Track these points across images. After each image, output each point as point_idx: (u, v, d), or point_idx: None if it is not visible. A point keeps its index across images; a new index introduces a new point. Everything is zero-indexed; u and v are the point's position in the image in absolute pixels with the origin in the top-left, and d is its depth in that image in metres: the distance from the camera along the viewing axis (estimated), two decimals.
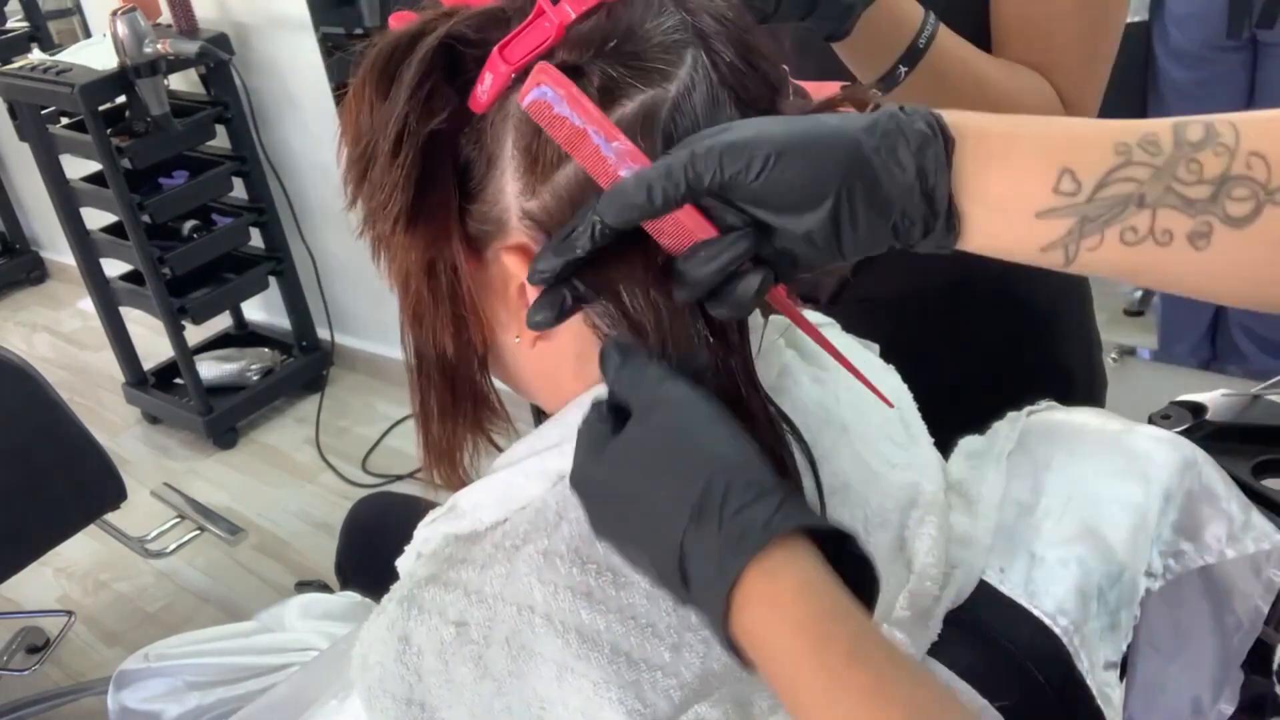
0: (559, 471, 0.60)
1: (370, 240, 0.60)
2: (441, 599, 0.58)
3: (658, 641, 0.55)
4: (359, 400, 2.99)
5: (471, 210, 0.57)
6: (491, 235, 0.57)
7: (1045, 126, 0.52)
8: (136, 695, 1.42)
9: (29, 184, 3.53)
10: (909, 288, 1.03)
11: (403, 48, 0.56)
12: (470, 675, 0.56)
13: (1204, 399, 0.92)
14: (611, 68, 0.53)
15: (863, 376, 0.62)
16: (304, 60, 2.61)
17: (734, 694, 0.54)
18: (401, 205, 0.55)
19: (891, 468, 0.65)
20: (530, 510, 0.60)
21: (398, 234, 0.56)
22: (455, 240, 0.57)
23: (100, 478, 1.91)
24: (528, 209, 0.55)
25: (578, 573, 0.56)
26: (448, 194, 0.57)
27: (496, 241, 0.57)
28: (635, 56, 0.53)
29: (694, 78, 0.53)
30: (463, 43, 0.55)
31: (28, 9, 3.37)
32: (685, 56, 0.54)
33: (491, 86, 0.54)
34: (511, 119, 0.55)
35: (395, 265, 0.59)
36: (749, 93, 0.55)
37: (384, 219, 0.56)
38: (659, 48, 0.53)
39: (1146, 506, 0.64)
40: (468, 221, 0.58)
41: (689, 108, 0.53)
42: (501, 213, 0.56)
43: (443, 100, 0.54)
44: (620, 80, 0.53)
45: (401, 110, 0.54)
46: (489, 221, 0.57)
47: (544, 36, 0.53)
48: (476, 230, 0.58)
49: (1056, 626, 0.60)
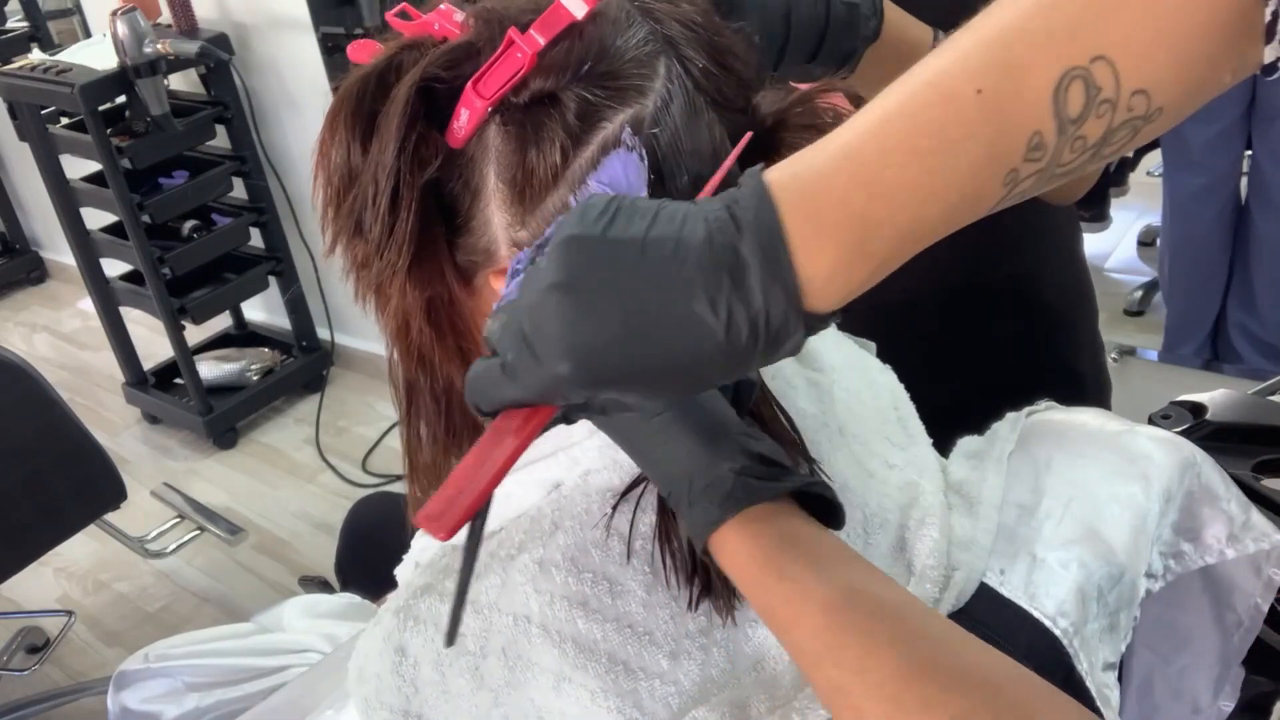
0: (554, 480, 0.60)
1: (356, 285, 0.59)
2: (438, 609, 0.58)
3: (655, 649, 0.55)
4: (359, 400, 2.98)
5: (459, 243, 0.56)
6: (480, 265, 0.57)
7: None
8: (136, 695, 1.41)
9: (29, 184, 3.53)
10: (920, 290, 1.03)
11: (373, 89, 0.55)
12: (467, 686, 0.56)
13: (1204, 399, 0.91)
14: (588, 91, 0.52)
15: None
16: (304, 60, 2.61)
17: (732, 698, 0.54)
18: (408, 259, 0.54)
19: (890, 469, 0.65)
20: (525, 519, 0.59)
21: (397, 282, 0.56)
22: (449, 275, 0.57)
23: (100, 478, 1.91)
24: (519, 239, 0.54)
25: (573, 582, 0.56)
26: (439, 233, 0.56)
27: (486, 269, 0.56)
28: (610, 76, 0.52)
29: (670, 89, 0.53)
30: (437, 83, 0.53)
31: (28, 9, 3.37)
32: (659, 68, 0.53)
33: (469, 123, 0.53)
34: (491, 151, 0.54)
35: (391, 309, 0.58)
36: (724, 95, 0.55)
37: (384, 273, 0.55)
38: (633, 63, 0.53)
39: (1147, 507, 0.64)
40: (456, 254, 0.57)
41: (668, 120, 0.52)
42: (489, 243, 0.55)
43: (432, 148, 0.53)
44: (598, 103, 0.52)
45: (393, 165, 0.52)
46: (477, 252, 0.56)
47: (516, 67, 0.52)
48: (464, 261, 0.57)
49: (1056, 628, 0.60)
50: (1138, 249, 2.93)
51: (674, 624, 0.55)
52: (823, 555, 0.49)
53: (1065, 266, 1.09)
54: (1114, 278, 2.84)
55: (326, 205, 0.57)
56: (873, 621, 0.46)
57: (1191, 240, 2.30)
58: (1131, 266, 2.88)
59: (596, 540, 0.57)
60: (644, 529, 0.57)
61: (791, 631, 0.48)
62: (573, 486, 0.59)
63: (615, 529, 0.57)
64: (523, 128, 0.53)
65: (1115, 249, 2.96)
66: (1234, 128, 2.15)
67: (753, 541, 0.49)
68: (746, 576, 0.49)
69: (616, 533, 0.57)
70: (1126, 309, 2.70)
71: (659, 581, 0.56)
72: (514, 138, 0.53)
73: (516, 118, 0.53)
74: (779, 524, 0.50)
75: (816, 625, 0.46)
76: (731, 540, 0.49)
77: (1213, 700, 0.72)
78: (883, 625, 0.46)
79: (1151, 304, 2.65)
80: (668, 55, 0.53)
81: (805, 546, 0.49)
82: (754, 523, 0.49)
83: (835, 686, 0.45)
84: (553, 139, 0.52)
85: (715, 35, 0.55)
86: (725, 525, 0.49)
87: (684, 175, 0.53)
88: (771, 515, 0.50)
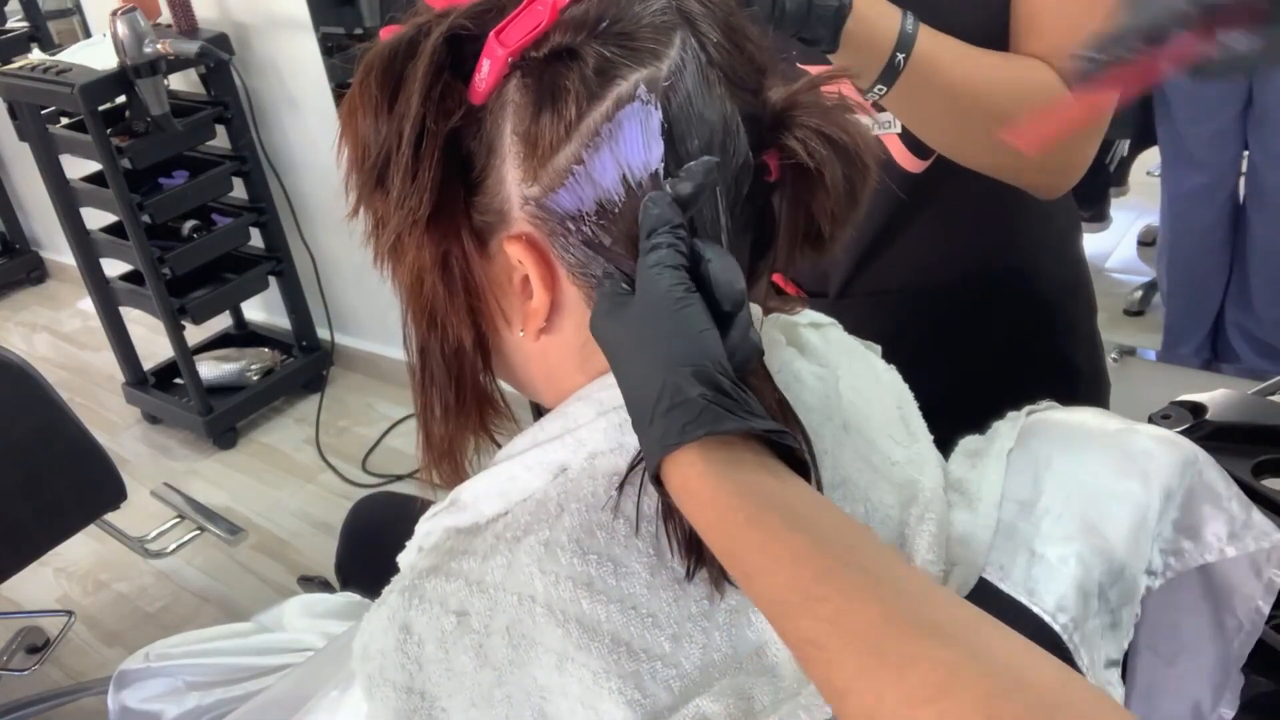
0: (560, 464, 0.60)
1: (374, 244, 0.60)
2: (443, 589, 0.58)
3: (658, 632, 0.55)
4: (359, 400, 2.99)
5: (475, 202, 0.58)
6: (494, 227, 0.58)
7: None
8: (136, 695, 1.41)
9: (29, 184, 3.53)
10: (920, 279, 1.04)
11: (404, 50, 0.56)
12: (471, 664, 0.56)
13: (1204, 399, 0.92)
14: (605, 48, 0.54)
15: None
16: (304, 60, 2.61)
17: (735, 686, 0.54)
18: (428, 208, 0.56)
19: (892, 465, 0.65)
20: (532, 502, 0.60)
21: (414, 234, 0.57)
22: (465, 233, 0.58)
23: (100, 478, 1.90)
24: (530, 194, 0.56)
25: (579, 563, 0.56)
26: (457, 188, 0.57)
27: (499, 233, 0.58)
28: (627, 36, 0.54)
29: (684, 58, 0.54)
30: (464, 35, 0.56)
31: (28, 9, 3.38)
32: (674, 38, 0.55)
33: (490, 74, 0.55)
34: (510, 105, 0.56)
35: (406, 266, 0.59)
36: (736, 74, 0.56)
37: (404, 222, 0.56)
38: (649, 28, 0.55)
39: (1147, 504, 0.64)
40: (472, 214, 0.58)
41: (681, 86, 0.54)
42: (503, 203, 0.57)
43: (456, 97, 0.55)
44: (615, 60, 0.54)
45: (418, 112, 0.54)
46: (490, 212, 0.58)
47: (537, 20, 0.54)
48: (479, 222, 0.58)
49: (1056, 624, 0.60)
50: (1138, 249, 2.93)
51: (676, 606, 0.55)
52: (793, 501, 0.48)
53: (1063, 263, 1.10)
54: (1114, 278, 2.85)
55: (351, 167, 0.59)
56: (851, 573, 0.44)
57: (1190, 239, 2.30)
58: (1131, 266, 2.88)
59: (602, 522, 0.57)
60: (648, 511, 0.57)
61: (759, 579, 0.46)
62: (579, 470, 0.59)
63: (621, 511, 0.57)
64: (540, 79, 0.55)
65: (1115, 249, 2.96)
66: (1231, 127, 2.16)
67: (717, 478, 0.48)
68: (709, 515, 0.48)
69: (622, 515, 0.57)
70: (1126, 309, 2.70)
71: (663, 564, 0.56)
72: (531, 90, 0.55)
73: (535, 71, 0.55)
74: (746, 464, 0.49)
75: (789, 575, 0.45)
76: (695, 475, 0.48)
77: (1213, 706, 0.72)
78: (863, 577, 0.44)
79: (1151, 304, 2.65)
80: (684, 28, 0.55)
81: (776, 491, 0.48)
82: (720, 461, 0.48)
83: (808, 639, 0.44)
84: (569, 91, 0.54)
85: (730, 15, 0.57)
86: (687, 456, 0.48)
87: (694, 139, 0.54)
88: (739, 454, 0.49)
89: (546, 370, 0.62)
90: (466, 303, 0.60)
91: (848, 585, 0.44)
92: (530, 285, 0.58)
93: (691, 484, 0.49)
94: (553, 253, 0.57)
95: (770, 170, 0.59)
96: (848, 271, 1.04)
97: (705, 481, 0.48)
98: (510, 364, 0.64)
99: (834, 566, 0.45)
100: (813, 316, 0.73)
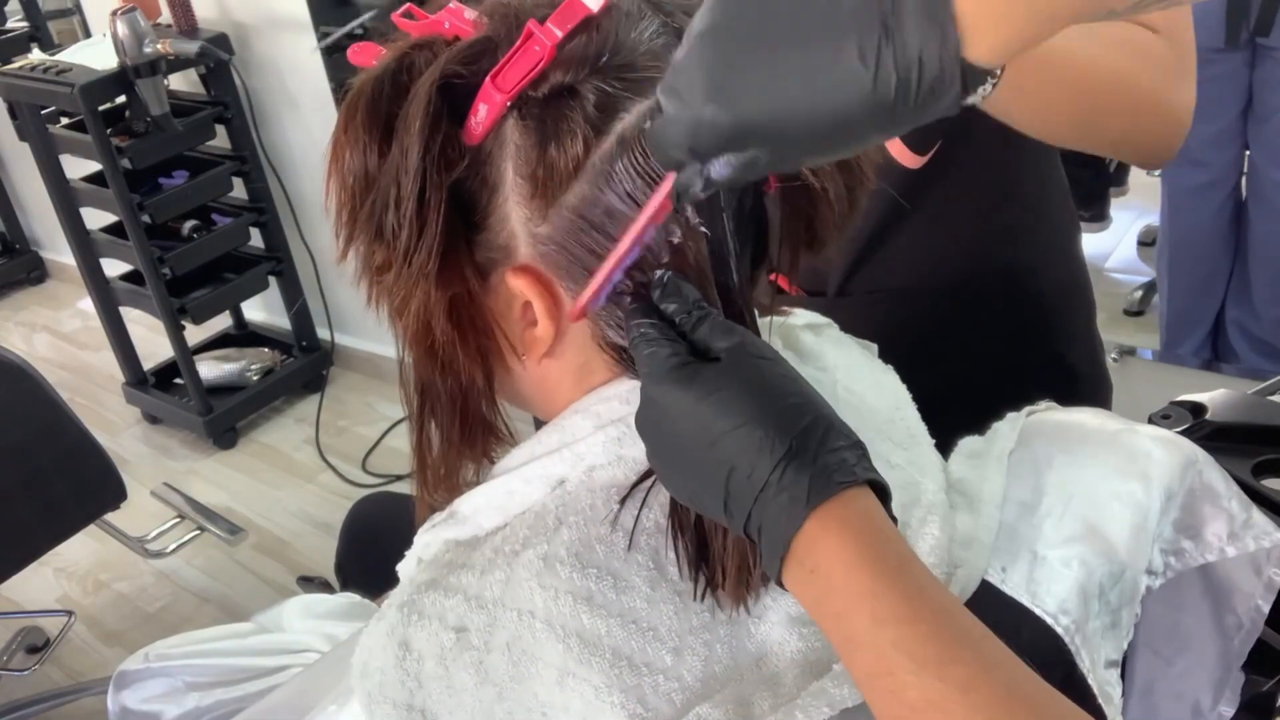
0: (559, 476, 0.60)
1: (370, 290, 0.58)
2: (442, 604, 0.58)
3: (659, 645, 0.55)
4: (359, 400, 2.99)
5: (477, 240, 0.57)
6: (496, 262, 0.57)
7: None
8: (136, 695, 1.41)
9: (29, 184, 3.53)
10: (917, 278, 1.03)
11: (388, 89, 0.55)
12: (471, 681, 0.56)
13: (1204, 399, 0.92)
14: (606, 84, 0.53)
15: None
16: (304, 60, 2.61)
17: (736, 694, 0.54)
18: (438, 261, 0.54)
19: (891, 468, 0.64)
20: (530, 515, 0.60)
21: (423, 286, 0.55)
22: (470, 274, 0.57)
23: (100, 478, 1.90)
24: (539, 234, 0.55)
25: (578, 577, 0.56)
26: (460, 233, 0.56)
27: (502, 267, 0.57)
28: (627, 68, 0.53)
29: None
30: (456, 79, 0.54)
31: (28, 9, 3.38)
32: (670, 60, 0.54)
33: (486, 118, 0.54)
34: (509, 146, 0.54)
35: (412, 311, 0.57)
36: None
37: (414, 277, 0.55)
38: (647, 55, 0.54)
39: (1148, 505, 0.64)
40: (474, 251, 0.57)
41: None
42: (508, 239, 0.56)
43: (456, 146, 0.54)
44: (616, 95, 0.53)
45: (419, 167, 0.53)
46: (494, 249, 0.57)
47: (536, 59, 0.52)
48: (482, 258, 0.57)
49: (1058, 626, 0.60)
50: (1138, 249, 2.93)
51: (677, 619, 0.55)
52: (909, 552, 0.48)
53: (1063, 263, 1.10)
54: (1114, 278, 2.85)
55: (341, 209, 0.57)
56: (981, 638, 0.44)
57: (1190, 237, 2.30)
58: (1131, 266, 2.89)
59: (601, 536, 0.57)
60: (647, 524, 0.57)
61: (890, 628, 0.45)
62: (577, 483, 0.59)
63: (620, 525, 0.57)
64: (542, 121, 0.53)
65: (1115, 249, 2.96)
66: (1232, 127, 2.16)
67: (855, 531, 0.47)
68: (840, 568, 0.46)
69: (621, 528, 0.57)
70: (1126, 309, 2.70)
71: (663, 576, 0.56)
72: (533, 132, 0.54)
73: (535, 112, 0.53)
74: (872, 513, 0.48)
75: (927, 630, 0.44)
76: (831, 531, 0.47)
77: (1213, 704, 0.71)
78: (988, 643, 0.44)
79: (1151, 304, 2.65)
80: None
81: (899, 540, 0.48)
82: (846, 511, 0.47)
83: (931, 701, 0.43)
84: (574, 131, 0.53)
85: None
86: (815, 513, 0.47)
87: None
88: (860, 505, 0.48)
89: (545, 390, 0.62)
90: (476, 342, 0.59)
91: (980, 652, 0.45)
92: (532, 310, 0.57)
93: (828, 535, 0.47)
94: (558, 284, 0.57)
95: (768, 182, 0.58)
96: (845, 269, 1.04)
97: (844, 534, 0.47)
98: (508, 386, 0.63)
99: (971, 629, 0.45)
100: (810, 318, 0.73)
